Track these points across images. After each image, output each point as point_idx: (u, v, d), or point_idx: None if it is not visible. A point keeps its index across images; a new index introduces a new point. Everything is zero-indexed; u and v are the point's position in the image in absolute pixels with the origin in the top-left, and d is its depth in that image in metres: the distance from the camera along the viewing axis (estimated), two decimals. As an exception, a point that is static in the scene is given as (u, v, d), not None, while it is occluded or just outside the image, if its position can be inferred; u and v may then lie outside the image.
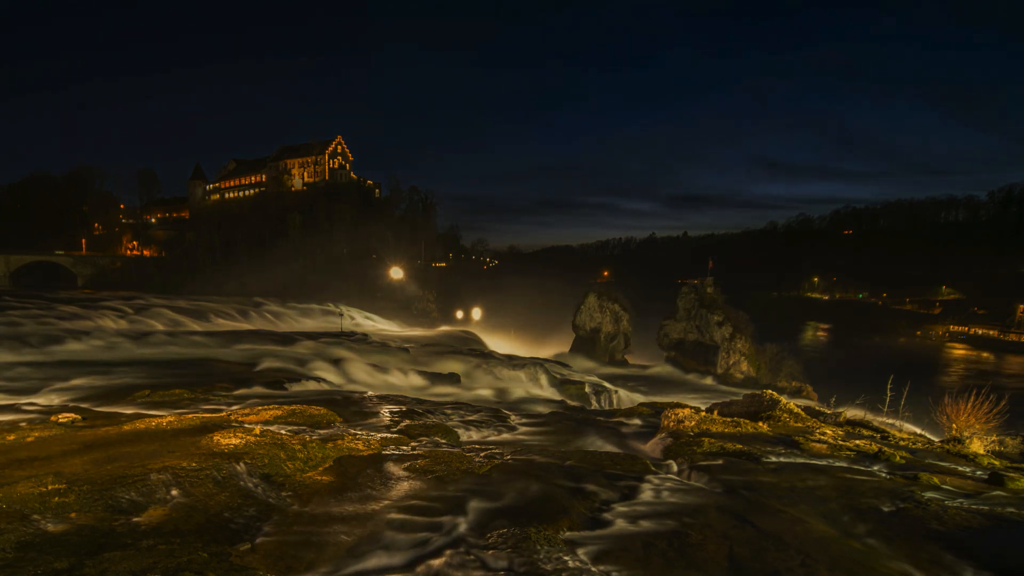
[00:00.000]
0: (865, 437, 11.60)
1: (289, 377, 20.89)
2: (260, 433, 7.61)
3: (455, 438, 10.39)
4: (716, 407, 14.09)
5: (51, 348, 25.80)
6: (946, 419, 12.86)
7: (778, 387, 46.60)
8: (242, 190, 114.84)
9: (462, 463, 7.38)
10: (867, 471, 8.16)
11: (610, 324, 64.41)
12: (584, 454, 8.93)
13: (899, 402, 16.57)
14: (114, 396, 14.96)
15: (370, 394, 16.95)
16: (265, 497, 5.82)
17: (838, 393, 18.98)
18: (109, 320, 38.35)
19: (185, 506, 5.25)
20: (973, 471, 8.82)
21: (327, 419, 10.37)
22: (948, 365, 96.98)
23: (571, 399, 27.94)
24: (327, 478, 6.61)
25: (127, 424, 8.69)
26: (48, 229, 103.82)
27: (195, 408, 12.14)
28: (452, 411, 14.13)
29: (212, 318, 47.66)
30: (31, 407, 12.53)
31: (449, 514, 5.54)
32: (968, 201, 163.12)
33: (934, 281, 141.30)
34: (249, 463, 6.44)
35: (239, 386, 17.69)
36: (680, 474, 8.13)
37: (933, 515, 6.02)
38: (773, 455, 9.09)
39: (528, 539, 4.91)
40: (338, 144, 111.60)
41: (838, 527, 5.75)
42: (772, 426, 11.87)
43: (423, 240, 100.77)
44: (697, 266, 72.56)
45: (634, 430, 12.66)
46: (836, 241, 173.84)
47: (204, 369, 22.05)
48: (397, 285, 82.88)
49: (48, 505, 4.88)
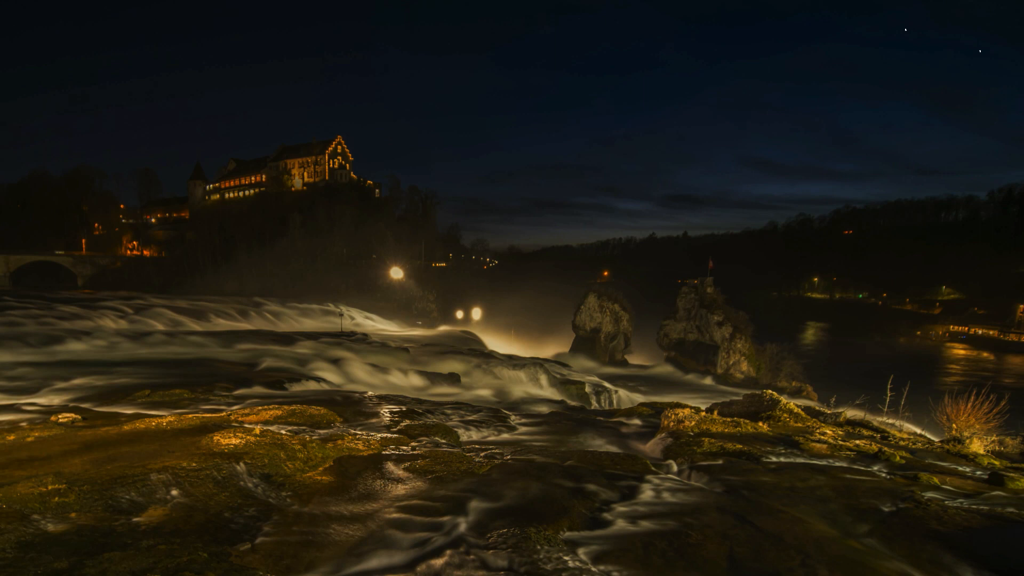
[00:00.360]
0: (865, 437, 11.59)
1: (289, 377, 20.89)
2: (260, 433, 7.62)
3: (455, 438, 10.39)
4: (716, 407, 14.09)
5: (51, 348, 25.81)
6: (946, 419, 12.87)
7: (778, 387, 46.64)
8: (242, 190, 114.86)
9: (462, 463, 7.38)
10: (867, 471, 8.16)
11: (610, 324, 64.42)
12: (584, 454, 8.93)
13: (899, 402, 16.57)
14: (114, 396, 14.96)
15: (370, 394, 16.95)
16: (265, 497, 5.82)
17: (838, 393, 18.98)
18: (109, 320, 38.37)
19: (185, 506, 5.25)
20: (973, 471, 8.82)
21: (327, 419, 10.38)
22: (948, 365, 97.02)
23: (571, 399, 27.94)
24: (327, 478, 6.61)
25: (127, 424, 8.69)
26: (48, 229, 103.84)
27: (195, 408, 12.15)
28: (452, 411, 14.13)
29: (212, 318, 47.69)
30: (31, 407, 12.55)
31: (449, 514, 5.54)
32: (968, 201, 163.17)
33: (934, 281, 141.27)
34: (249, 463, 6.44)
35: (239, 386, 17.69)
36: (680, 474, 8.13)
37: (933, 515, 6.02)
38: (773, 455, 9.09)
39: (528, 539, 4.91)
40: (338, 144, 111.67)
41: (838, 527, 5.75)
42: (772, 426, 11.87)
43: (423, 240, 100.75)
44: (697, 266, 72.51)
45: (634, 430, 12.66)
46: (836, 241, 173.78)
47: (204, 369, 22.06)
48: (397, 285, 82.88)
49: (48, 505, 4.88)
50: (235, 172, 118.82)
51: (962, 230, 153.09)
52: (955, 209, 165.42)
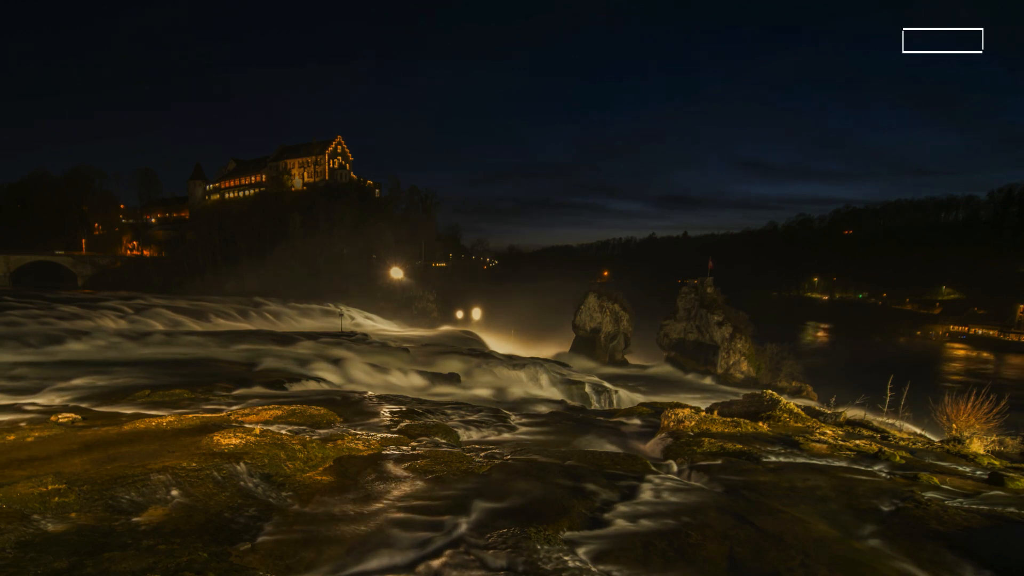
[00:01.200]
0: (865, 437, 11.59)
1: (289, 377, 20.89)
2: (260, 433, 7.62)
3: (455, 438, 10.39)
4: (716, 407, 14.09)
5: (51, 348, 25.81)
6: (946, 419, 12.87)
7: (778, 387, 46.60)
8: (242, 190, 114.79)
9: (462, 463, 7.39)
10: (867, 471, 8.16)
11: (610, 324, 64.40)
12: (584, 454, 8.93)
13: (899, 402, 16.56)
14: (114, 396, 14.96)
15: (370, 394, 16.95)
16: (265, 497, 5.82)
17: (838, 393, 18.94)
18: (109, 320, 38.37)
19: (185, 506, 5.26)
20: (973, 471, 8.82)
21: (327, 419, 10.38)
22: (948, 365, 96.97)
23: (571, 399, 27.93)
24: (327, 478, 6.61)
25: (127, 424, 8.69)
26: (48, 229, 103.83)
27: (195, 408, 12.15)
28: (452, 411, 14.13)
29: (212, 318, 47.70)
30: (31, 407, 12.55)
31: (449, 514, 5.54)
32: (968, 201, 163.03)
33: (934, 281, 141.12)
34: (249, 463, 6.45)
35: (239, 386, 17.69)
36: (680, 474, 8.13)
37: (933, 515, 6.02)
38: (773, 455, 9.10)
39: (528, 539, 4.91)
40: (338, 144, 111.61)
41: (838, 527, 5.75)
42: (772, 426, 11.87)
43: (423, 240, 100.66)
44: (697, 266, 72.45)
45: (634, 430, 12.67)
46: (836, 241, 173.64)
47: (204, 369, 22.06)
48: (397, 285, 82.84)
49: (48, 505, 4.88)
50: (235, 172, 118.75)
51: (962, 230, 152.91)
52: (955, 209, 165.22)
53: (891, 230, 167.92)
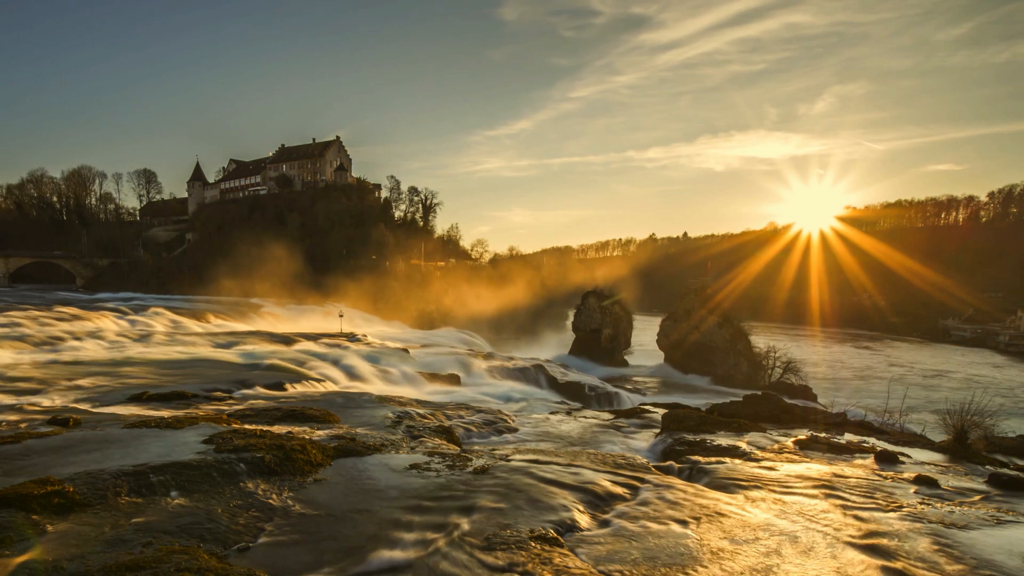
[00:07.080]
0: (865, 437, 11.60)
1: (288, 378, 20.86)
2: (260, 433, 7.62)
3: (455, 438, 10.40)
4: (716, 408, 14.10)
5: (50, 349, 25.79)
6: (946, 419, 12.87)
7: (778, 388, 46.60)
8: (242, 191, 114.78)
9: (462, 463, 7.39)
10: (868, 471, 8.17)
11: (610, 325, 64.43)
12: (584, 455, 8.93)
13: (899, 403, 16.58)
14: (113, 396, 14.94)
15: (370, 394, 16.94)
16: (265, 497, 5.83)
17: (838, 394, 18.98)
18: (108, 321, 38.37)
19: (185, 506, 5.26)
20: (973, 471, 8.84)
21: (327, 420, 10.38)
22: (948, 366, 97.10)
23: (571, 400, 27.95)
24: (327, 478, 6.62)
25: (126, 425, 8.70)
26: (47, 230, 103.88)
27: (195, 408, 12.14)
28: (452, 412, 14.12)
29: (211, 318, 47.73)
30: (32, 407, 12.53)
31: (450, 514, 5.54)
32: (968, 201, 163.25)
33: (934, 281, 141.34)
34: (249, 463, 6.46)
35: (238, 387, 17.69)
36: (680, 474, 8.14)
37: (933, 515, 6.03)
38: (773, 456, 9.10)
39: (529, 539, 4.91)
40: (338, 145, 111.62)
41: (839, 527, 5.76)
42: (772, 426, 11.87)
43: (423, 240, 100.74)
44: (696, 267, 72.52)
45: (634, 431, 12.67)
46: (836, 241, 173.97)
47: (203, 370, 22.02)
48: (397, 285, 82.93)
49: (48, 505, 4.88)
50: (235, 173, 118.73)
51: (962, 230, 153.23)
52: (955, 209, 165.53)
53: (891, 230, 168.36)
